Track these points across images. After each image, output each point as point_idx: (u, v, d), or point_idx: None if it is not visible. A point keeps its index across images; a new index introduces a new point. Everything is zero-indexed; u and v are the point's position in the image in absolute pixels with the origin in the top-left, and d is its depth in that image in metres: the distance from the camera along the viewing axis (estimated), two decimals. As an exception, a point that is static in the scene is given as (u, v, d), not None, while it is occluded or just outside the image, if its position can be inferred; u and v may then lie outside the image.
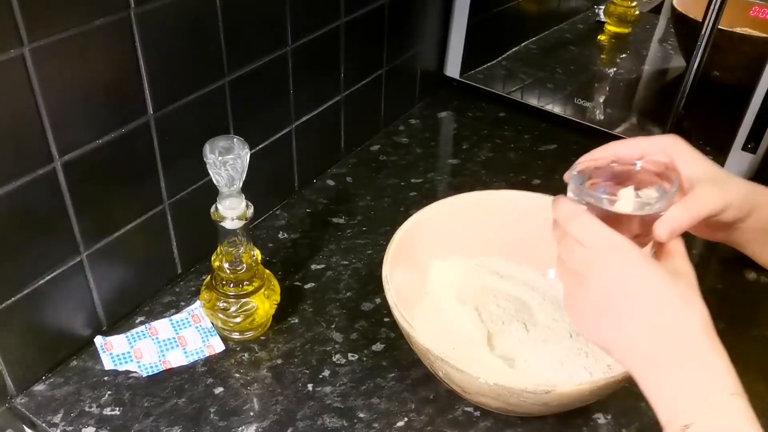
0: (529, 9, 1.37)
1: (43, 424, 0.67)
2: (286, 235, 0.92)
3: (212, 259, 0.72)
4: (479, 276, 0.79)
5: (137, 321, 0.78)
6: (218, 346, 0.75)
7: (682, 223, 0.53)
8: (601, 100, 1.21)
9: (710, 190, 0.54)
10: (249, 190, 0.69)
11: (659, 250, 0.54)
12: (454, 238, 0.79)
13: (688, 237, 0.59)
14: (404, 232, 0.74)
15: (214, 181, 0.66)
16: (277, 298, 0.76)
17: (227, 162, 0.64)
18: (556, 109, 1.18)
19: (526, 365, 0.70)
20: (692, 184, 0.55)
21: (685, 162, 0.56)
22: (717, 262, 0.93)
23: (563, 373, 0.68)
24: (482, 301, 0.76)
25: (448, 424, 0.69)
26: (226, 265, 0.72)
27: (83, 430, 0.66)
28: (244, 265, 0.72)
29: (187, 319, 0.78)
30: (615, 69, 1.34)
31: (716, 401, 0.45)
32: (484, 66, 1.28)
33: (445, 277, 0.78)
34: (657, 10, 1.38)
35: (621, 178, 0.57)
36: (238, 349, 0.76)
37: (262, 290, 0.74)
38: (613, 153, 0.59)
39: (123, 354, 0.73)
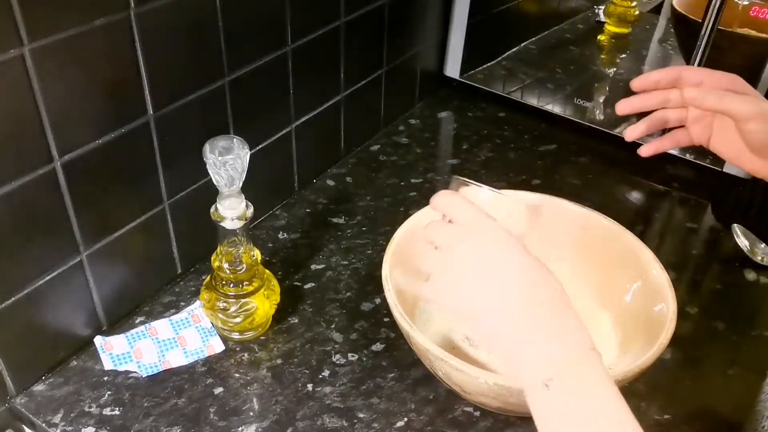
0: (529, 9, 1.37)
1: (43, 424, 0.67)
2: (285, 235, 0.92)
3: (212, 259, 0.72)
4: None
5: (137, 321, 0.78)
6: (218, 346, 0.75)
7: (707, 95, 0.64)
8: (601, 100, 1.21)
9: (748, 98, 0.64)
10: (249, 190, 0.69)
11: None
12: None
13: (687, 237, 0.60)
14: (404, 232, 0.74)
15: (214, 181, 0.66)
16: (277, 298, 0.76)
17: (227, 162, 0.64)
18: (556, 109, 1.18)
19: None
20: None
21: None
22: (717, 262, 0.93)
23: None
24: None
25: (448, 424, 0.69)
26: (225, 265, 0.72)
27: (83, 430, 0.66)
28: (244, 265, 0.72)
29: (186, 319, 0.78)
30: (615, 69, 1.34)
31: (576, 356, 0.48)
32: (484, 66, 1.28)
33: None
34: (657, 10, 1.39)
35: None
36: (237, 349, 0.76)
37: (262, 290, 0.74)
38: (678, 73, 0.70)
39: (123, 354, 0.73)
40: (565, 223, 0.78)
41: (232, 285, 0.73)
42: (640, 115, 0.76)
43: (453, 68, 1.24)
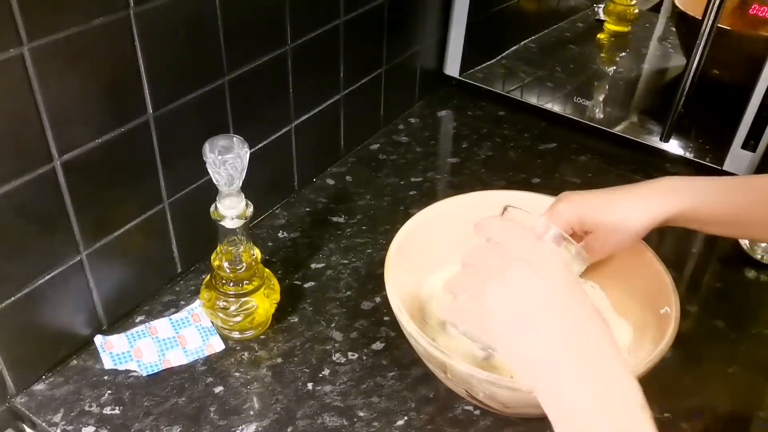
0: (528, 8, 1.37)
1: (43, 424, 0.67)
2: (285, 234, 0.92)
3: (212, 258, 0.72)
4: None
5: (137, 320, 0.78)
6: (218, 345, 0.75)
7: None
8: (601, 99, 1.21)
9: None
10: (249, 189, 0.69)
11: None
12: (454, 239, 0.78)
13: (686, 236, 0.59)
14: (403, 235, 0.73)
15: (214, 181, 0.66)
16: (277, 297, 0.76)
17: (227, 161, 0.64)
18: (556, 107, 1.18)
19: None
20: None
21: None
22: (716, 260, 0.93)
23: None
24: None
25: (448, 423, 0.69)
26: (225, 264, 0.72)
27: (83, 429, 0.66)
28: (244, 264, 0.72)
29: (186, 318, 0.78)
30: (614, 67, 1.34)
31: (622, 414, 0.45)
32: (484, 65, 1.28)
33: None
34: (656, 8, 1.38)
35: None
36: (237, 348, 0.76)
37: (262, 289, 0.74)
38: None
39: (123, 353, 0.73)
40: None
41: (232, 284, 0.73)
42: (640, 113, 0.76)
43: (453, 67, 1.24)
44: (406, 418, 0.69)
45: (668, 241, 0.96)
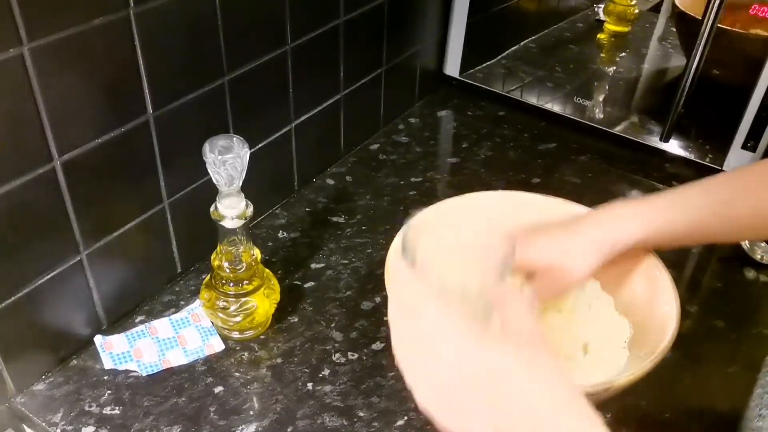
0: (528, 8, 1.37)
1: (43, 424, 0.67)
2: (285, 234, 0.92)
3: (212, 258, 0.72)
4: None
5: (137, 320, 0.78)
6: (218, 346, 0.75)
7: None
8: (601, 99, 1.21)
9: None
10: (248, 189, 0.69)
11: None
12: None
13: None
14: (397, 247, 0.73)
15: (214, 181, 0.66)
16: (277, 297, 0.76)
17: (227, 161, 0.64)
18: (556, 107, 1.18)
19: None
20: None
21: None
22: (716, 260, 0.93)
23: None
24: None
25: (448, 423, 0.69)
26: (225, 264, 0.72)
27: (83, 429, 0.66)
28: (244, 264, 0.72)
29: (186, 318, 0.78)
30: (614, 67, 1.34)
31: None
32: (484, 65, 1.28)
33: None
34: (656, 8, 1.38)
35: None
36: (237, 348, 0.76)
37: (262, 289, 0.74)
38: None
39: (123, 353, 0.73)
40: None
41: (232, 284, 0.73)
42: (640, 113, 0.75)
43: (453, 67, 1.24)
44: (406, 418, 0.69)
45: (668, 241, 0.96)
